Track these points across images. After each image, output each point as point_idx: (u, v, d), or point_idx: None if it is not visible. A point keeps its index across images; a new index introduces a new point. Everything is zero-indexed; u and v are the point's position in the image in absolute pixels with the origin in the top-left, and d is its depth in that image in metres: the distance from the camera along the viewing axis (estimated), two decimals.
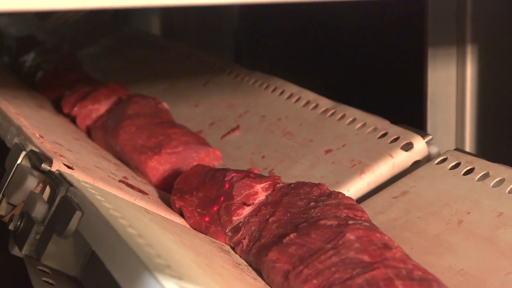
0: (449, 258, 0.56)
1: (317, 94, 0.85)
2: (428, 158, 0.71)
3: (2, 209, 0.60)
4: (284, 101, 0.87)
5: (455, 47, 0.89)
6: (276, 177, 0.63)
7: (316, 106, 0.83)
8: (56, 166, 0.59)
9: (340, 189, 0.69)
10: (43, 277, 0.54)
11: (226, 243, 0.61)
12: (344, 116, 0.79)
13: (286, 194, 0.60)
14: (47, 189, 0.57)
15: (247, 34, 1.40)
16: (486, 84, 0.89)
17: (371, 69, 1.15)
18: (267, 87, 0.91)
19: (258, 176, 0.63)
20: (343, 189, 0.69)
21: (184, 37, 1.51)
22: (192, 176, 0.67)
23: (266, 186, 0.62)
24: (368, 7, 1.09)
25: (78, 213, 0.51)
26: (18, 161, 0.61)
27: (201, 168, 0.68)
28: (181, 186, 0.66)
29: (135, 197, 0.63)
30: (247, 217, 0.60)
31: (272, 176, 0.63)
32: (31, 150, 0.61)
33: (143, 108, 0.84)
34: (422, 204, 0.63)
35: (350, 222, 0.52)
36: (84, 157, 0.70)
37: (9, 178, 0.60)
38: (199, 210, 0.63)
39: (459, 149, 0.69)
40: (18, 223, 0.55)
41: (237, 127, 0.87)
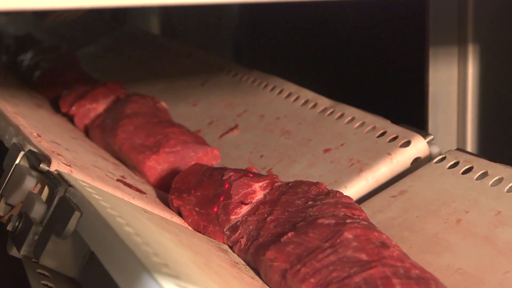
0: (447, 257, 0.56)
1: (316, 93, 0.85)
2: (429, 158, 0.70)
3: (0, 210, 0.60)
4: (283, 100, 0.87)
5: (457, 46, 0.89)
6: (274, 176, 0.63)
7: (315, 105, 0.83)
8: (55, 166, 0.58)
9: (339, 188, 0.69)
10: (42, 279, 0.54)
11: (224, 242, 0.61)
12: (343, 115, 0.79)
13: (284, 193, 0.60)
14: (46, 190, 0.57)
15: (247, 33, 1.39)
16: (488, 84, 0.89)
17: (372, 69, 1.14)
18: (266, 86, 0.91)
19: (256, 175, 0.63)
20: (342, 188, 0.69)
21: (184, 36, 1.51)
22: (190, 175, 0.67)
23: (264, 185, 0.62)
24: (369, 6, 1.09)
25: (77, 214, 0.50)
26: (17, 161, 0.60)
27: (199, 167, 0.68)
28: (179, 185, 0.66)
29: (133, 196, 0.62)
30: (245, 216, 0.60)
31: (270, 175, 0.63)
32: (30, 150, 0.61)
33: (141, 107, 0.83)
34: (421, 203, 0.63)
35: (348, 221, 0.52)
36: (82, 156, 0.70)
37: (7, 178, 0.60)
38: (197, 209, 0.63)
39: (461, 149, 0.68)
40: (17, 224, 0.55)
41: (236, 127, 0.87)
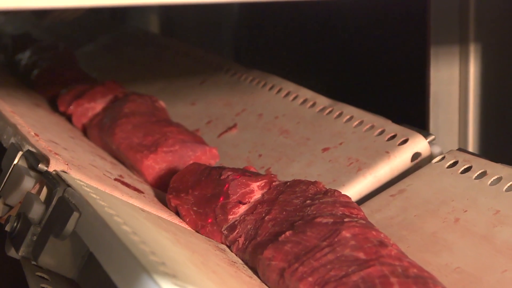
0: (446, 256, 0.55)
1: (315, 92, 0.85)
2: (431, 158, 0.70)
3: None
4: (282, 99, 0.87)
5: (458, 46, 0.89)
6: (272, 176, 0.63)
7: (314, 104, 0.83)
8: (53, 167, 0.58)
9: (337, 187, 0.68)
10: (40, 280, 0.54)
11: (222, 242, 0.61)
12: (341, 114, 0.79)
13: (282, 192, 0.60)
14: (44, 190, 0.57)
15: (247, 32, 1.39)
16: (489, 83, 0.88)
17: (373, 68, 1.14)
18: (264, 85, 0.91)
19: (254, 175, 0.63)
20: (340, 187, 0.69)
21: (183, 36, 1.50)
22: (188, 175, 0.67)
23: (262, 185, 0.61)
24: (370, 5, 1.09)
25: (76, 214, 0.50)
26: (15, 161, 0.60)
27: (197, 167, 0.67)
28: (177, 185, 0.66)
29: (131, 196, 0.62)
30: (243, 216, 0.60)
31: (268, 175, 0.63)
32: (28, 150, 0.61)
33: (140, 107, 0.83)
34: (419, 203, 0.63)
35: (346, 220, 0.52)
36: (80, 156, 0.70)
37: (6, 179, 0.60)
38: (195, 209, 0.63)
39: (462, 149, 0.68)
40: (15, 224, 0.55)
41: (234, 126, 0.87)
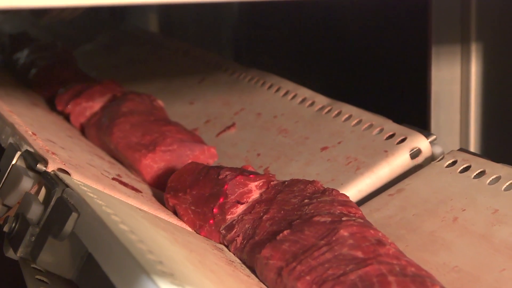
0: (444, 255, 0.55)
1: (313, 91, 0.85)
2: (432, 158, 0.70)
3: None
4: (280, 99, 0.87)
5: (460, 45, 0.88)
6: (271, 175, 0.63)
7: (312, 104, 0.83)
8: (52, 167, 0.58)
9: (336, 187, 0.68)
10: (38, 281, 0.54)
11: (220, 242, 0.60)
12: (340, 113, 0.79)
13: (280, 192, 0.59)
14: (43, 190, 0.57)
15: (247, 31, 1.39)
16: (491, 83, 0.88)
17: (374, 68, 1.14)
18: (263, 84, 0.91)
19: (253, 174, 0.63)
20: (339, 187, 0.69)
21: (183, 35, 1.50)
22: (186, 174, 0.66)
23: (260, 184, 0.61)
24: (371, 4, 1.08)
25: (74, 215, 0.50)
26: (13, 162, 0.60)
27: (195, 166, 0.67)
28: (175, 184, 0.66)
29: (129, 195, 0.62)
30: (241, 215, 0.60)
31: (266, 174, 0.63)
32: (26, 150, 0.60)
33: (138, 106, 0.83)
34: (418, 202, 0.63)
35: (344, 219, 0.52)
36: (78, 155, 0.70)
37: (4, 179, 0.59)
38: (193, 208, 0.63)
39: (463, 149, 0.68)
40: (13, 225, 0.54)
41: (233, 125, 0.86)
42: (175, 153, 0.76)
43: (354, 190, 0.69)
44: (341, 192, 0.57)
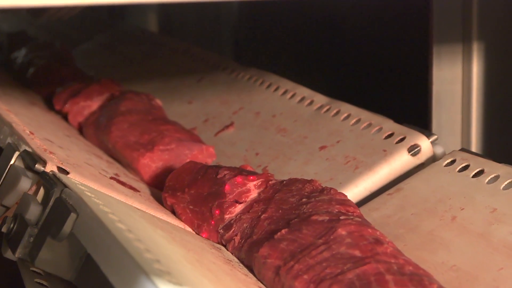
0: (442, 254, 0.55)
1: (312, 90, 0.85)
2: (433, 158, 0.69)
3: None
4: (279, 98, 0.87)
5: (461, 44, 0.88)
6: (269, 175, 0.62)
7: (311, 103, 0.83)
8: (50, 167, 0.57)
9: (334, 186, 0.68)
10: (37, 281, 0.53)
11: (218, 241, 0.60)
12: (339, 112, 0.79)
13: (278, 191, 0.59)
14: (41, 191, 0.56)
15: (247, 31, 1.39)
16: (493, 82, 0.87)
17: (375, 67, 1.13)
18: (262, 84, 0.91)
19: (251, 174, 0.63)
20: (337, 186, 0.69)
21: (182, 34, 1.50)
22: (184, 173, 0.66)
23: (259, 184, 0.61)
24: (372, 3, 1.08)
25: (73, 215, 0.50)
26: (11, 162, 0.59)
27: (193, 165, 0.67)
28: (173, 183, 0.66)
29: (126, 194, 0.62)
30: (239, 214, 0.60)
31: (265, 174, 0.62)
32: (25, 150, 0.60)
33: (136, 105, 0.83)
34: (417, 201, 0.63)
35: (342, 218, 0.52)
36: (75, 154, 0.70)
37: (2, 179, 0.59)
38: (191, 207, 0.63)
39: (465, 149, 0.68)
40: (11, 226, 0.54)
41: (231, 124, 0.86)
42: (174, 153, 0.75)
43: (353, 190, 0.69)
44: (339, 191, 0.57)
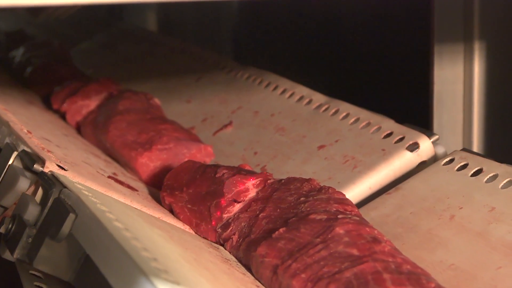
0: (440, 253, 0.55)
1: (311, 89, 0.84)
2: (435, 159, 0.69)
3: None
4: (278, 97, 0.87)
5: (462, 44, 0.87)
6: (267, 174, 0.62)
7: (310, 102, 0.83)
8: (49, 167, 0.57)
9: (333, 185, 0.67)
10: (36, 282, 0.53)
11: (216, 240, 0.60)
12: (338, 111, 0.79)
13: (277, 190, 0.59)
14: (40, 191, 0.56)
15: (247, 30, 1.38)
16: (494, 82, 0.87)
17: (375, 67, 1.13)
18: (261, 83, 0.91)
19: (249, 173, 0.62)
20: (335, 185, 0.68)
21: (182, 34, 1.50)
22: (183, 172, 0.66)
23: (257, 183, 0.61)
24: (373, 2, 1.08)
25: (72, 216, 0.49)
26: (10, 162, 0.59)
27: (192, 164, 0.67)
28: (171, 183, 0.66)
29: (124, 193, 0.62)
30: (237, 213, 0.59)
31: (263, 173, 0.62)
32: (23, 151, 0.60)
33: (134, 104, 0.83)
34: (415, 200, 0.63)
35: (340, 216, 0.52)
36: (73, 153, 0.69)
37: (0, 180, 0.59)
38: (189, 206, 0.62)
39: (466, 149, 0.67)
40: (10, 226, 0.54)
41: (230, 123, 0.86)
42: (172, 152, 0.75)
43: (351, 189, 0.69)
44: (338, 190, 0.57)
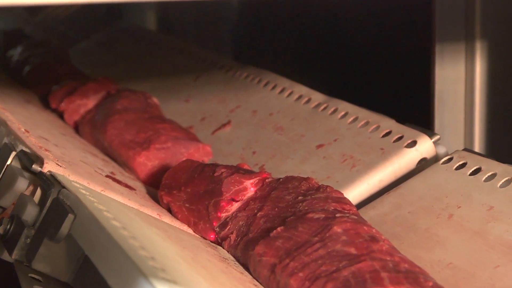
0: (439, 252, 0.55)
1: (309, 88, 0.84)
2: (436, 159, 0.69)
3: None
4: (276, 96, 0.86)
5: (464, 43, 0.87)
6: (266, 173, 0.62)
7: (309, 101, 0.82)
8: (48, 167, 0.57)
9: (331, 184, 0.67)
10: (34, 283, 0.53)
11: (214, 239, 0.60)
12: (336, 110, 0.78)
13: (275, 189, 0.59)
14: (38, 191, 0.56)
15: (247, 30, 1.38)
16: (496, 82, 0.87)
17: (376, 66, 1.13)
18: (259, 82, 0.91)
19: (248, 172, 0.62)
20: (334, 184, 0.68)
21: (182, 33, 1.49)
22: (181, 172, 0.66)
23: (256, 182, 0.61)
24: (374, 2, 1.07)
25: (71, 216, 0.49)
26: (8, 162, 0.59)
27: (190, 163, 0.67)
28: (169, 182, 0.66)
29: (122, 193, 0.61)
30: (235, 212, 0.59)
31: (262, 172, 0.62)
32: (22, 151, 0.59)
33: (132, 103, 0.83)
34: (413, 199, 0.63)
35: (338, 215, 0.52)
36: (71, 152, 0.69)
37: None
38: (187, 205, 0.62)
39: (468, 149, 0.67)
40: (8, 227, 0.54)
41: (228, 123, 0.86)
42: (170, 151, 0.75)
43: (350, 188, 0.69)
44: (336, 189, 0.57)
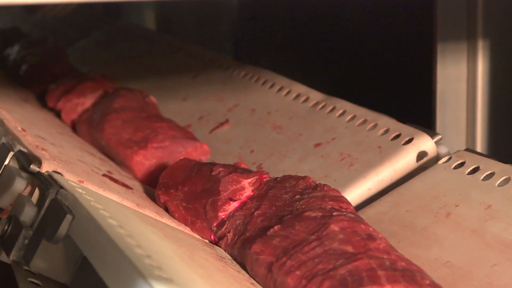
0: (436, 251, 0.55)
1: (308, 87, 0.84)
2: (437, 158, 0.69)
3: None
4: (275, 94, 0.86)
5: (466, 42, 0.87)
6: (263, 172, 0.62)
7: (307, 99, 0.82)
8: (46, 167, 0.57)
9: (329, 183, 0.67)
10: (32, 284, 0.53)
11: (212, 238, 0.60)
12: (334, 109, 0.78)
13: (272, 188, 0.59)
14: (36, 192, 0.55)
15: (246, 29, 1.38)
16: (498, 81, 0.87)
17: (378, 66, 1.13)
18: (257, 80, 0.91)
19: (245, 171, 0.62)
20: (332, 183, 0.68)
21: (181, 32, 1.49)
22: (178, 171, 0.66)
23: (253, 181, 0.61)
24: (375, 1, 1.07)
25: (69, 217, 0.49)
26: (6, 162, 0.59)
27: (187, 162, 0.67)
28: (166, 181, 0.66)
29: (119, 192, 0.61)
30: (232, 212, 0.59)
31: (259, 171, 0.62)
32: (19, 151, 0.59)
33: (130, 102, 0.82)
34: (411, 198, 0.63)
35: (335, 214, 0.52)
36: (68, 151, 0.69)
37: None
38: (184, 204, 0.62)
39: (470, 149, 0.67)
40: (6, 227, 0.53)
41: (226, 121, 0.86)
42: (167, 150, 0.75)
43: (348, 187, 0.68)
44: (333, 188, 0.57)
